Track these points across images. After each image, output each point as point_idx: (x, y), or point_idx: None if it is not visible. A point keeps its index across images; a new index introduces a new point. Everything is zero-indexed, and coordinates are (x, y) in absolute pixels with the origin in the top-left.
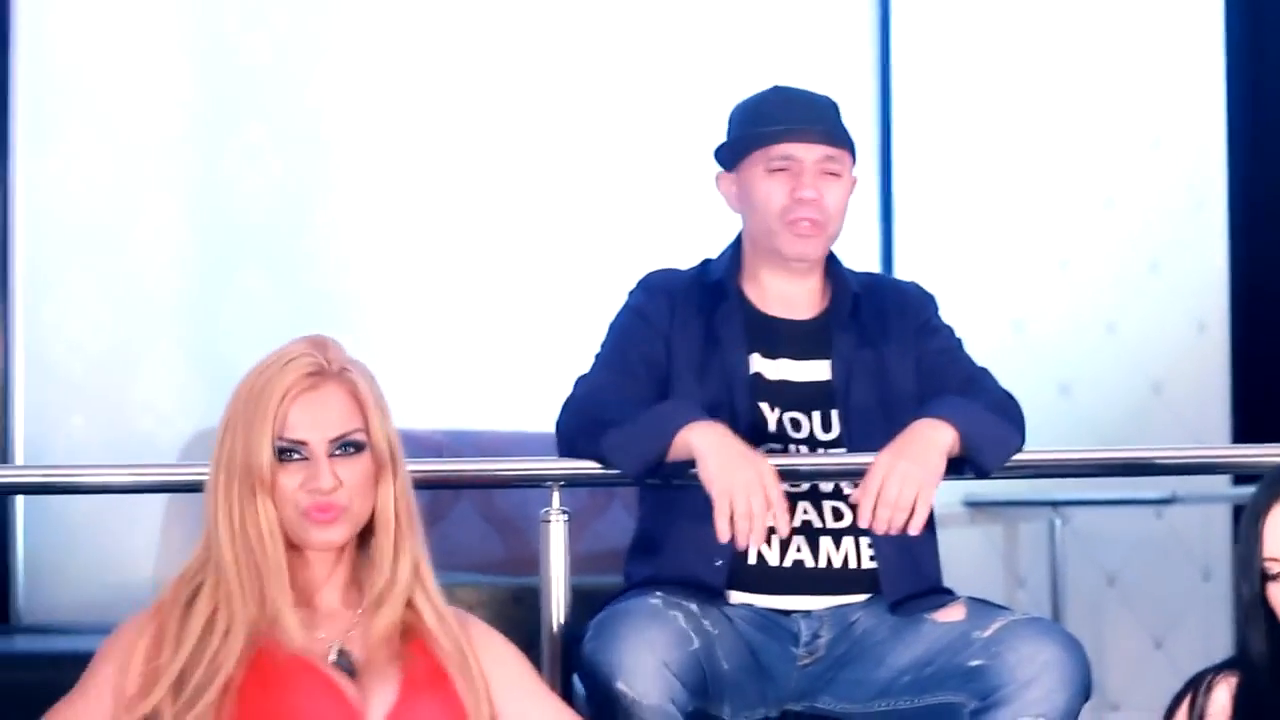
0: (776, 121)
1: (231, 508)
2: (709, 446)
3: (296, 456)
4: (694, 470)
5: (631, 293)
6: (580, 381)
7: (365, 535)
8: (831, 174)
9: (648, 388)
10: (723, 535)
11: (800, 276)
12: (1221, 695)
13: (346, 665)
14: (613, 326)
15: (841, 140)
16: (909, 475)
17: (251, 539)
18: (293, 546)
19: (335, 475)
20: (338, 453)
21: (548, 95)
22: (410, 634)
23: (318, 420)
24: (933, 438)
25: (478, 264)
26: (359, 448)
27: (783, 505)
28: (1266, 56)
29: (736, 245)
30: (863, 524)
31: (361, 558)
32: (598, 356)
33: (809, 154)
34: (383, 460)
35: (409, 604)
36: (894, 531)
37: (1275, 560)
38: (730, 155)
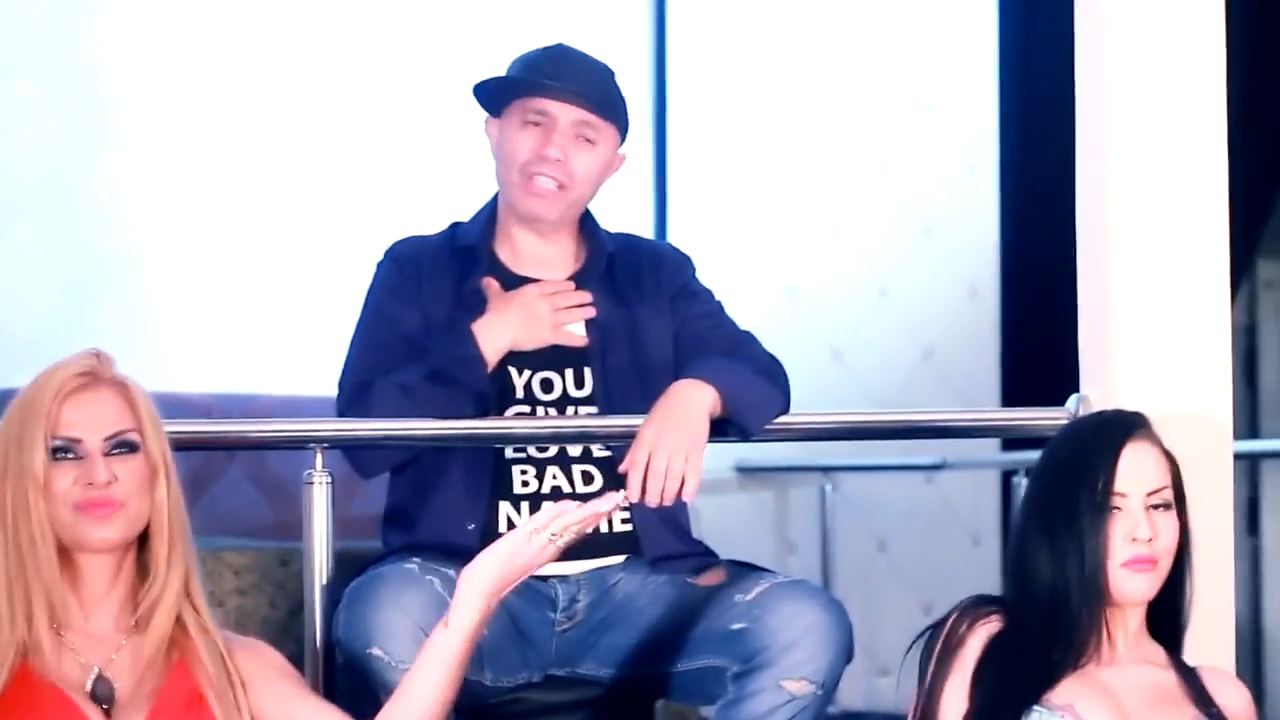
0: (542, 75)
1: (4, 513)
2: (495, 328)
3: (70, 456)
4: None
5: (379, 264)
6: (348, 369)
7: (140, 554)
8: (586, 140)
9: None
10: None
11: (549, 236)
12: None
13: (104, 693)
14: (365, 306)
15: (604, 109)
16: (676, 445)
17: (23, 545)
18: (67, 563)
19: (111, 471)
20: (113, 451)
21: (325, 53)
22: (175, 653)
23: (91, 419)
24: (694, 399)
25: (253, 227)
26: (133, 448)
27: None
28: (1038, 23)
29: (493, 205)
30: (633, 499)
31: (135, 575)
32: (354, 340)
33: (564, 114)
34: (156, 466)
35: (177, 620)
36: (668, 502)
37: (1124, 495)
38: (493, 99)
